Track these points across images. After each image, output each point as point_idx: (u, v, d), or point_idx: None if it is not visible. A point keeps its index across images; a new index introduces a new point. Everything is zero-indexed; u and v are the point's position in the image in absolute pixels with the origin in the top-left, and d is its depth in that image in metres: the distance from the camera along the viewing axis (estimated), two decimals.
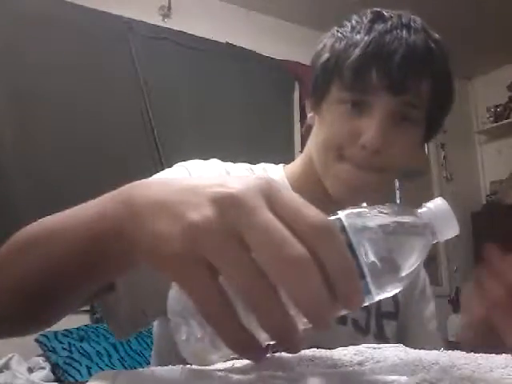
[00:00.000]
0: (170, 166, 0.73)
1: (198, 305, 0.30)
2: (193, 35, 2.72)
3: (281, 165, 0.78)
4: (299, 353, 0.44)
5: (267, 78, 2.89)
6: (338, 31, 0.68)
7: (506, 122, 3.80)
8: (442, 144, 3.81)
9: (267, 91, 2.86)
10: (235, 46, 2.87)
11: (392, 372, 0.38)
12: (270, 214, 0.29)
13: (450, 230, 0.34)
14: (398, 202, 3.55)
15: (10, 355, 1.85)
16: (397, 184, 3.56)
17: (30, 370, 1.83)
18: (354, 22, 0.67)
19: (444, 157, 3.81)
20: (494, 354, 0.41)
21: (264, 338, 0.32)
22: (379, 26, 0.63)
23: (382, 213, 0.33)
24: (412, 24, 0.65)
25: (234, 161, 0.76)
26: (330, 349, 0.65)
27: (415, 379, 0.33)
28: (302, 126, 0.69)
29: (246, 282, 0.28)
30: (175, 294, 0.33)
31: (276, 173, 0.75)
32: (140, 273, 0.38)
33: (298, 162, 0.75)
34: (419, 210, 0.35)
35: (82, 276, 0.37)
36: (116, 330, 0.56)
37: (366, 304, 0.33)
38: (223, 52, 2.79)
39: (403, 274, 0.32)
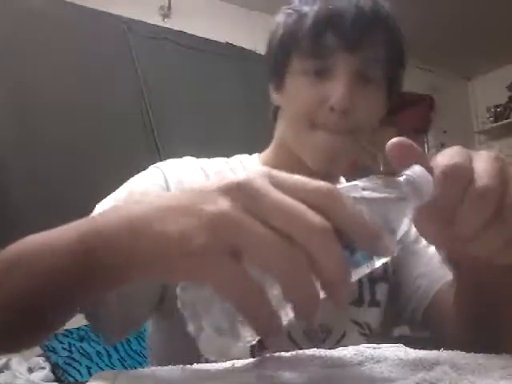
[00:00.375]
0: None
1: (229, 292, 0.30)
2: (193, 35, 2.71)
3: (255, 154, 0.80)
4: (300, 353, 0.44)
5: (267, 78, 2.88)
6: (287, 8, 0.69)
7: (506, 121, 3.80)
8: (442, 144, 3.81)
9: (267, 91, 2.85)
10: (235, 45, 2.87)
11: (392, 372, 0.38)
12: (279, 192, 0.30)
13: (429, 191, 0.37)
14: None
15: (10, 355, 1.85)
16: None
17: (30, 370, 1.83)
18: None
19: None
20: (493, 354, 0.41)
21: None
22: None
23: (369, 188, 0.36)
24: None
25: None
26: (323, 324, 0.67)
27: (415, 379, 0.33)
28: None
29: (275, 256, 0.29)
30: (189, 289, 0.33)
31: (251, 162, 0.77)
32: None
33: (271, 147, 0.77)
34: (400, 179, 0.38)
35: (71, 292, 0.36)
36: (105, 336, 0.55)
37: (369, 270, 0.35)
38: (223, 52, 2.79)
39: (397, 238, 0.35)
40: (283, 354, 0.44)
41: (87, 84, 2.29)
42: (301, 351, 0.45)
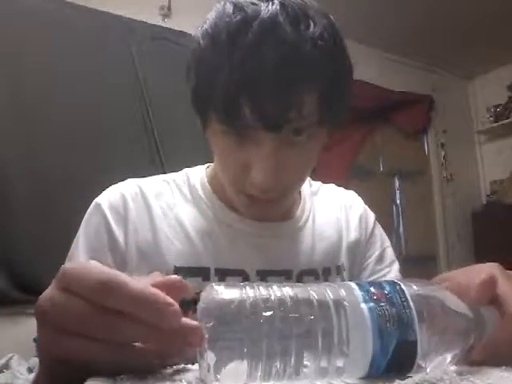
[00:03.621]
0: (170, 166, 0.74)
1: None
2: (193, 35, 2.71)
3: (206, 165, 0.78)
4: None
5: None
6: (199, 42, 0.60)
7: (506, 121, 3.80)
8: (442, 144, 3.81)
9: None
10: None
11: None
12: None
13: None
14: (397, 202, 3.54)
15: (9, 355, 1.85)
16: (397, 184, 3.56)
17: (30, 370, 1.83)
18: (212, 29, 0.57)
19: (444, 157, 3.81)
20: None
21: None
22: (242, 40, 0.52)
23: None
24: (281, 22, 0.51)
25: None
26: None
27: (415, 379, 0.33)
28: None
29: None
30: None
31: (197, 175, 0.75)
32: None
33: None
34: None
35: None
36: None
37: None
38: None
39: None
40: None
41: (87, 84, 2.29)
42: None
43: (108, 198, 0.69)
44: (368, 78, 3.31)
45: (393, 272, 0.79)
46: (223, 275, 0.66)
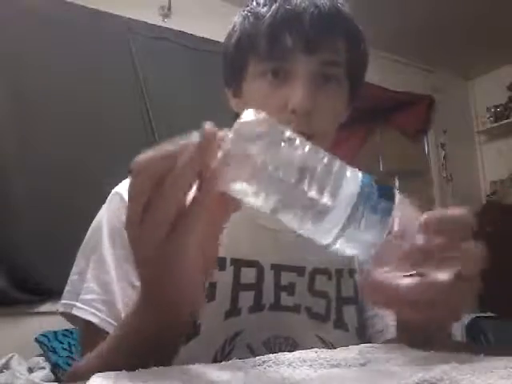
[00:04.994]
0: None
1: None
2: (193, 35, 2.71)
3: None
4: (302, 353, 0.44)
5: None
6: (244, 10, 0.67)
7: (505, 121, 3.80)
8: (442, 144, 3.81)
9: None
10: None
11: (392, 372, 0.38)
12: None
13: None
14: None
15: (9, 355, 1.85)
16: (397, 184, 3.56)
17: (30, 370, 1.83)
18: None
19: (444, 157, 3.81)
20: (494, 356, 0.41)
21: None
22: None
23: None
24: None
25: None
26: (289, 337, 0.65)
27: (415, 379, 0.33)
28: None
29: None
30: None
31: None
32: None
33: None
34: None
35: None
36: None
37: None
38: None
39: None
40: (285, 353, 0.44)
41: (87, 84, 2.29)
42: (303, 351, 0.45)
43: (127, 187, 0.69)
44: (368, 78, 3.30)
45: None
46: (238, 266, 0.66)
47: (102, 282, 0.61)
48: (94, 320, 0.59)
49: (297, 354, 0.44)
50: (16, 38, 2.15)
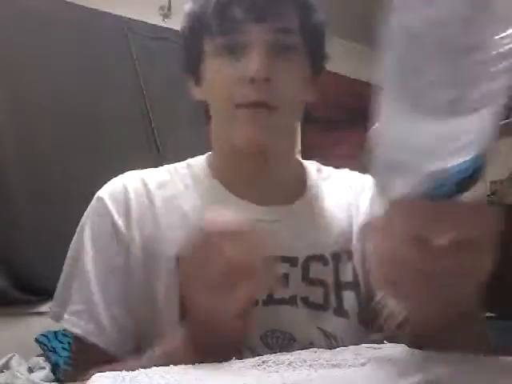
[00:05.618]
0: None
1: None
2: None
3: (205, 155, 0.77)
4: (302, 353, 0.44)
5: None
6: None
7: (505, 121, 3.80)
8: None
9: None
10: None
11: (393, 372, 0.38)
12: None
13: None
14: None
15: (9, 355, 1.85)
16: None
17: (30, 370, 1.83)
18: None
19: None
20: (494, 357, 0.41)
21: None
22: None
23: None
24: None
25: None
26: (287, 331, 0.64)
27: (415, 379, 0.33)
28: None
29: None
30: None
31: (198, 164, 0.75)
32: None
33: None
34: None
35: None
36: None
37: None
38: None
39: None
40: (285, 353, 0.44)
41: (87, 84, 2.29)
42: (303, 351, 0.45)
43: (109, 191, 0.69)
44: (368, 78, 3.31)
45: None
46: None
47: (85, 295, 0.63)
48: (81, 333, 0.62)
49: (297, 353, 0.44)
50: (16, 38, 2.15)
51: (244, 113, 0.63)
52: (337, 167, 0.83)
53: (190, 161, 0.77)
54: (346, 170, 0.83)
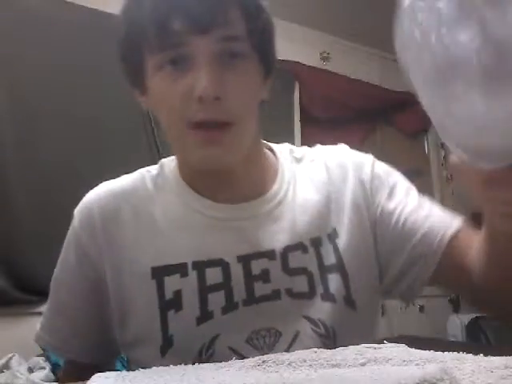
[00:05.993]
0: None
1: None
2: None
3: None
4: (302, 353, 0.44)
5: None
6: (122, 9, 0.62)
7: None
8: (442, 144, 3.80)
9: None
10: None
11: (392, 372, 0.38)
12: None
13: None
14: None
15: (9, 355, 1.85)
16: None
17: (30, 370, 1.83)
18: None
19: (444, 157, 3.81)
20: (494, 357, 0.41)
21: None
22: None
23: None
24: None
25: None
26: (272, 327, 0.64)
27: (415, 379, 0.33)
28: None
29: None
30: None
31: (170, 164, 0.74)
32: None
33: None
34: None
35: None
36: None
37: None
38: None
39: None
40: (285, 353, 0.44)
41: (87, 84, 2.29)
42: (304, 351, 0.45)
43: (80, 211, 0.71)
44: (368, 78, 3.31)
45: (409, 205, 0.74)
46: (201, 268, 0.64)
47: (69, 315, 0.69)
48: (44, 345, 0.70)
49: (297, 353, 0.44)
50: (16, 38, 2.15)
51: (196, 133, 0.60)
52: None
53: (164, 161, 0.76)
54: (319, 146, 0.80)
